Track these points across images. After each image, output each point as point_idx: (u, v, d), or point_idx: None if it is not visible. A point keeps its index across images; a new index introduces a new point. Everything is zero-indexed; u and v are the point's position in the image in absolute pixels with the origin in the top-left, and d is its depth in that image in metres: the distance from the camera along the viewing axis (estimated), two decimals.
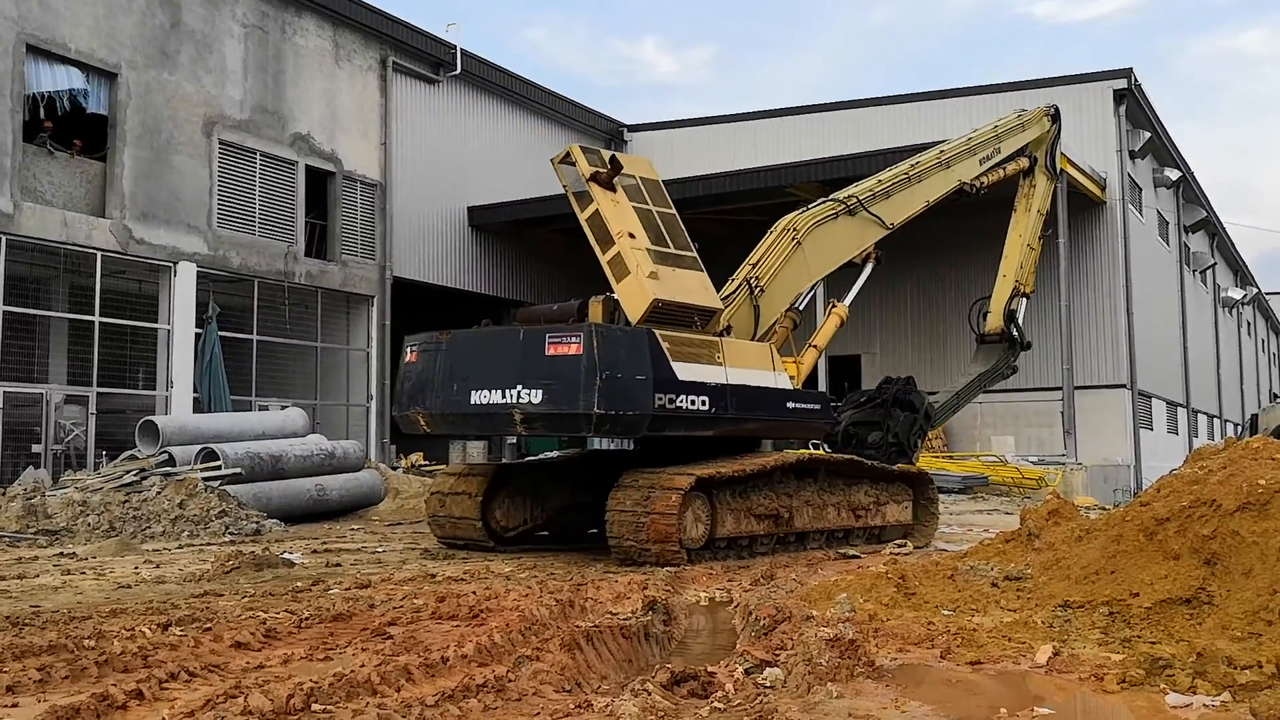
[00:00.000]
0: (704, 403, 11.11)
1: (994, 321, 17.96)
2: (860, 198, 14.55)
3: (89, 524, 13.82)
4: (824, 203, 14.36)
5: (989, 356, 17.90)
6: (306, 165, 23.63)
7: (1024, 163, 18.32)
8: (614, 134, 34.14)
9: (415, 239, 26.80)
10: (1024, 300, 18.25)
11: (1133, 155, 29.32)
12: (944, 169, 16.08)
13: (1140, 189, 31.19)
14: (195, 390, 20.90)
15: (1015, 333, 17.83)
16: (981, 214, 20.99)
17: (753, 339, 12.72)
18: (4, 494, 14.37)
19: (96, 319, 19.53)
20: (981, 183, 16.86)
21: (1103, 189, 27.70)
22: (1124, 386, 27.79)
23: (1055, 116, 18.91)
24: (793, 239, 13.52)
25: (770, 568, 10.19)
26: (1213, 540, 6.30)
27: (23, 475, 16.90)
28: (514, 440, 23.29)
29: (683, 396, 10.89)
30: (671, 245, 11.80)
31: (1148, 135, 29.85)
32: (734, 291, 12.95)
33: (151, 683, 5.02)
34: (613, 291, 11.48)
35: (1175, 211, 36.26)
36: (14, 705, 4.82)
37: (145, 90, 20.47)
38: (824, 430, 13.86)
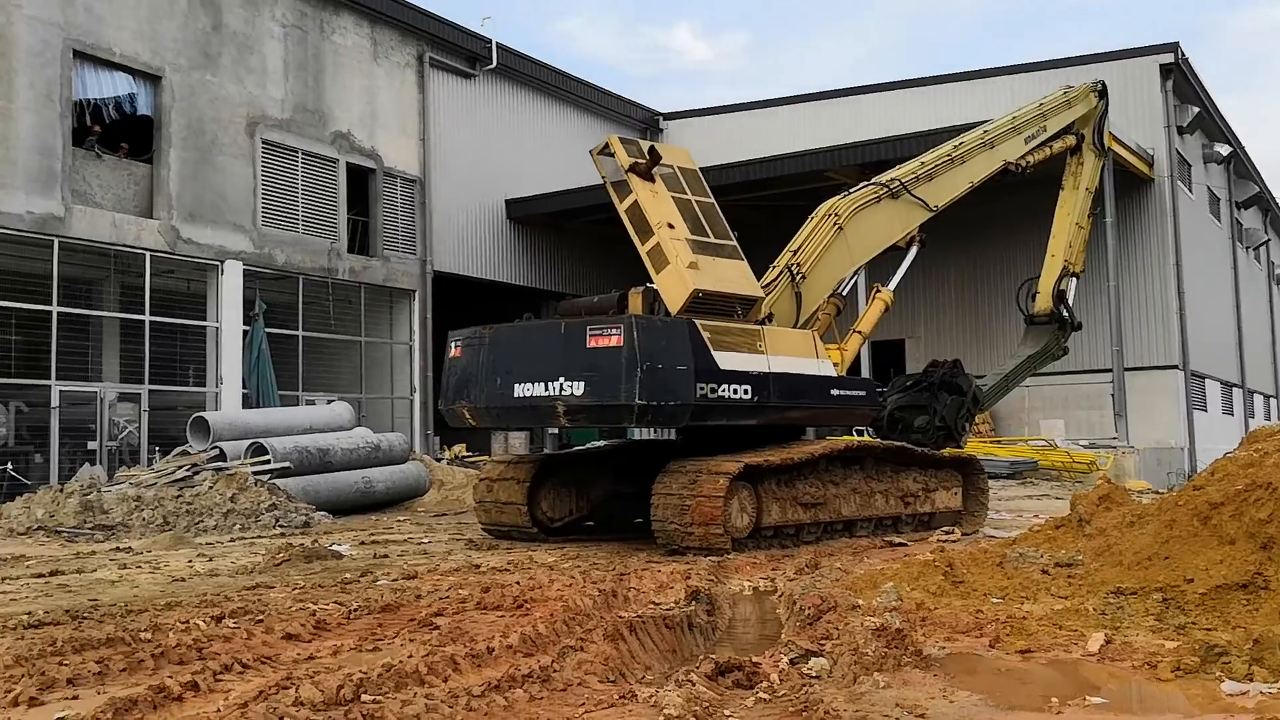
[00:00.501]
0: (746, 391, 11.07)
1: (1043, 302, 17.66)
2: (903, 180, 14.38)
3: (144, 519, 14.07)
4: (866, 186, 14.21)
5: (1038, 338, 17.60)
6: (347, 162, 23.84)
7: (1070, 140, 18.00)
8: (650, 123, 34.05)
9: (455, 233, 26.94)
10: (1074, 280, 17.92)
11: (1181, 131, 28.72)
12: (988, 149, 15.83)
13: (1189, 165, 30.59)
14: (244, 386, 21.19)
15: (1065, 313, 17.51)
16: (1027, 193, 20.68)
17: (795, 326, 12.64)
18: (62, 490, 14.66)
19: (147, 318, 19.84)
20: (1027, 162, 16.58)
21: (1150, 166, 27.19)
22: (1176, 367, 27.31)
23: (1102, 92, 18.54)
24: (834, 224, 13.40)
25: (815, 556, 10.14)
26: (1269, 524, 6.17)
27: (79, 472, 17.26)
28: (556, 431, 23.37)
29: (724, 386, 10.86)
30: (711, 234, 11.75)
31: (1196, 110, 29.22)
32: (775, 279, 12.87)
33: (206, 674, 5.11)
34: (652, 282, 11.46)
35: (1226, 188, 35.48)
36: (74, 697, 4.93)
37: (189, 92, 20.74)
38: (869, 416, 13.75)
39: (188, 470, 16.11)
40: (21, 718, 4.66)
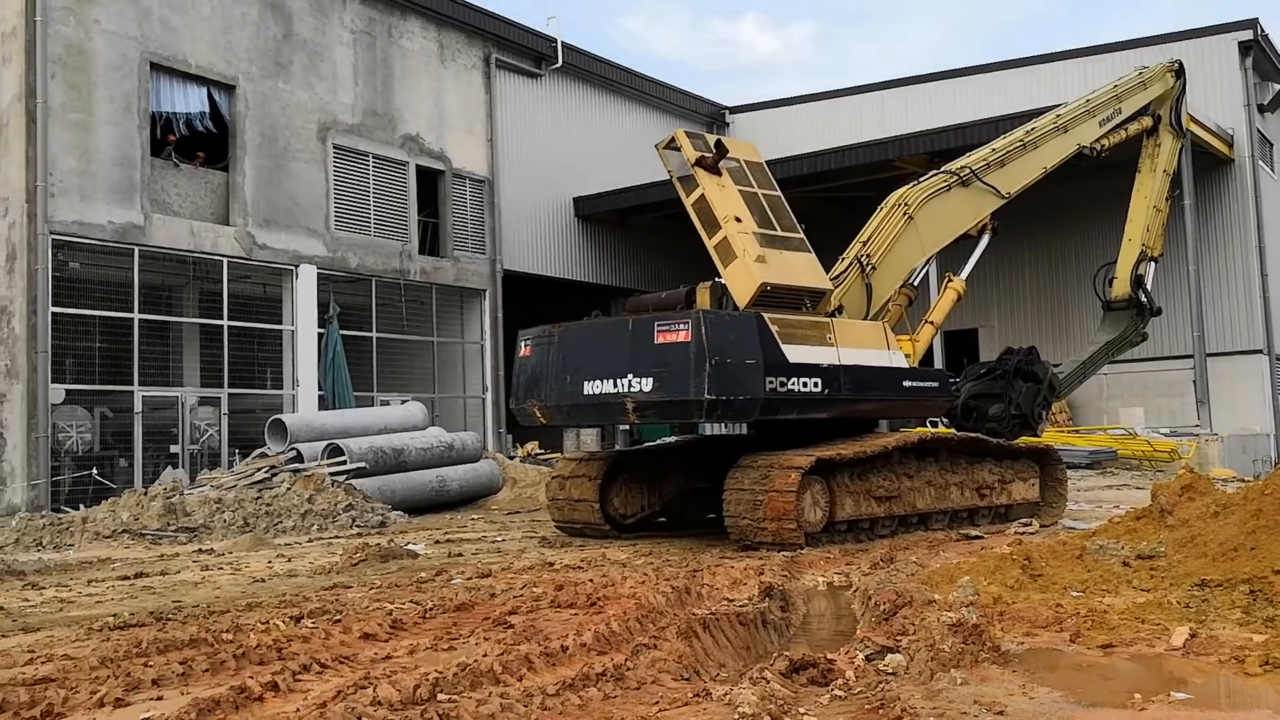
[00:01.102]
0: (817, 385, 10.99)
1: (1120, 287, 17.31)
2: (974, 168, 14.18)
3: (224, 520, 14.41)
4: (936, 174, 14.04)
5: (1117, 324, 17.24)
6: (417, 165, 24.12)
7: (1147, 122, 17.59)
8: (716, 117, 33.94)
9: (524, 232, 27.14)
10: (1152, 265, 17.53)
11: (1261, 110, 27.85)
12: (1062, 133, 15.54)
13: (1271, 144, 29.63)
14: (320, 388, 21.57)
15: (1144, 298, 17.14)
16: (1104, 176, 20.23)
17: (865, 318, 12.53)
18: (145, 494, 15.06)
19: (225, 323, 20.29)
20: (1102, 145, 16.24)
21: (1230, 146, 26.42)
22: (1261, 351, 26.50)
23: (1179, 72, 18.08)
24: (904, 214, 13.26)
25: (890, 550, 10.03)
26: None
27: (162, 475, 17.70)
28: (627, 428, 23.42)
29: (794, 379, 10.80)
30: (778, 227, 11.69)
31: (1278, 88, 28.33)
32: (844, 271, 12.77)
33: (286, 675, 5.21)
34: (720, 277, 11.43)
35: None
36: (159, 698, 5.06)
37: (262, 100, 21.15)
38: (943, 408, 13.59)
39: (266, 472, 16.45)
40: (108, 718, 4.80)
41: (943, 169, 14.19)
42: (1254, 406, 26.26)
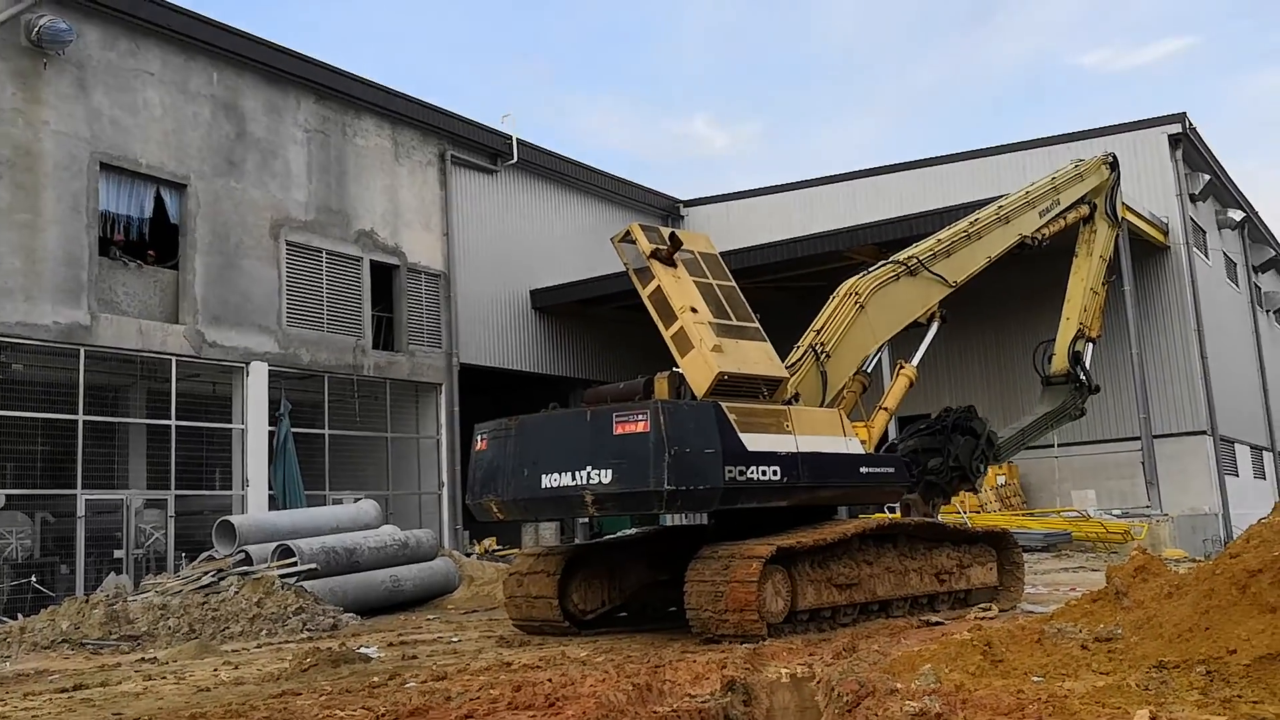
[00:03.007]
0: (775, 472, 11.00)
1: (1059, 363, 17.80)
2: (921, 258, 14.49)
3: (169, 627, 13.99)
4: (885, 264, 14.31)
5: (1055, 397, 17.70)
6: (371, 260, 24.17)
7: (1084, 210, 18.17)
8: (670, 210, 34.47)
9: (480, 325, 27.17)
10: (1090, 345, 18.02)
11: (1193, 198, 28.85)
12: (1004, 224, 15.98)
13: (1204, 232, 30.62)
14: (270, 487, 21.21)
15: (1082, 375, 17.58)
16: (1048, 265, 20.73)
17: (821, 405, 12.61)
18: (87, 601, 14.60)
19: (173, 422, 19.98)
20: (1042, 235, 16.71)
21: (1165, 234, 27.25)
22: (1205, 433, 26.99)
23: (1114, 165, 18.75)
24: (856, 302, 13.46)
25: (852, 639, 9.95)
26: None
27: (105, 582, 17.21)
28: (587, 521, 23.22)
29: (753, 468, 10.80)
30: (734, 317, 11.81)
31: (1207, 178, 29.37)
32: (800, 359, 12.90)
33: None
34: (678, 367, 11.49)
35: (1243, 252, 35.47)
36: None
37: (214, 198, 21.18)
38: (900, 494, 13.64)
39: (213, 575, 16.04)
40: None
41: (891, 259, 14.48)
42: (1201, 487, 26.64)
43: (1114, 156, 18.93)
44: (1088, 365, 17.77)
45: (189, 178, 20.79)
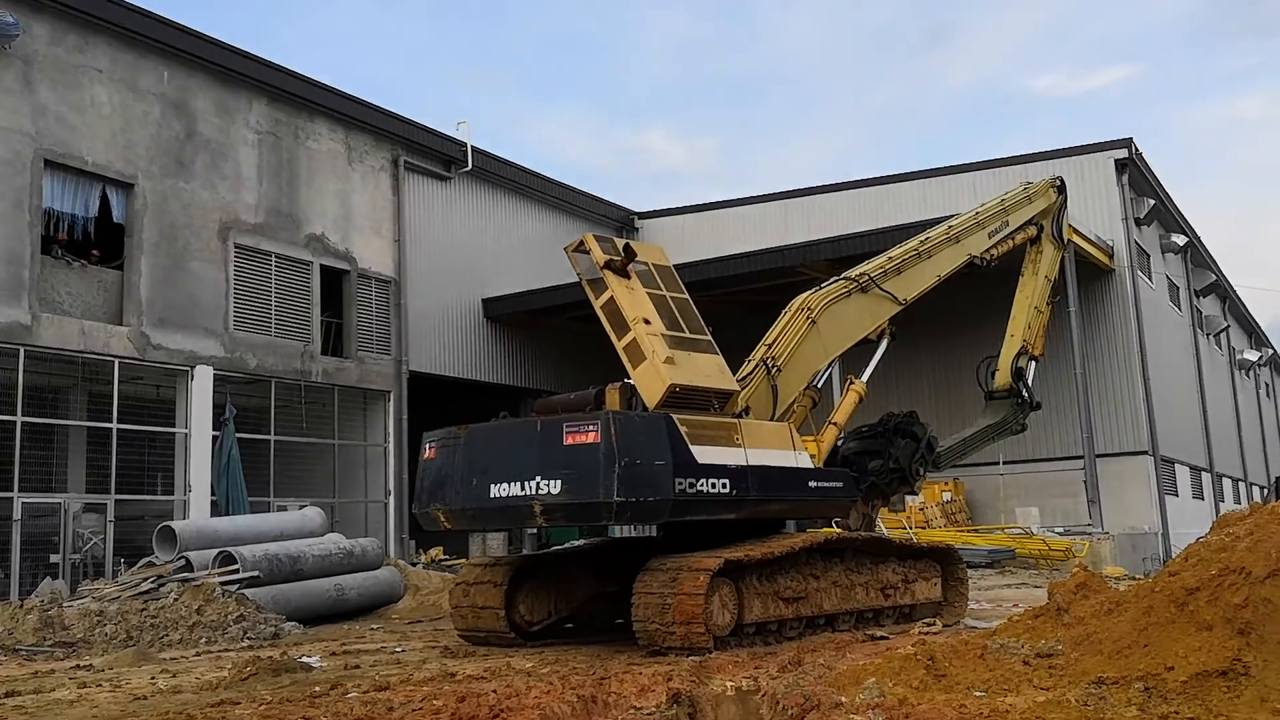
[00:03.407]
0: (725, 485, 11.02)
1: (1002, 379, 18.07)
2: (872, 275, 14.63)
3: (106, 634, 13.68)
4: (837, 281, 14.43)
5: (997, 411, 18.02)
6: (321, 265, 23.91)
7: (1032, 231, 18.49)
8: (625, 222, 34.51)
9: (431, 333, 26.99)
10: (1033, 363, 18.33)
11: (1138, 222, 29.45)
12: (954, 243, 16.20)
13: (1148, 255, 31.25)
14: (213, 493, 20.87)
15: (1024, 392, 17.86)
16: (997, 285, 21.02)
17: (771, 419, 12.66)
18: (21, 606, 14.26)
19: (114, 426, 19.59)
20: (991, 255, 16.96)
21: (1110, 257, 27.77)
22: (1146, 453, 27.49)
23: (1061, 188, 19.10)
24: (807, 318, 13.55)
25: (798, 653, 9.98)
26: (1245, 609, 6.14)
27: (40, 586, 16.81)
28: (535, 531, 23.06)
29: (703, 480, 10.81)
30: (686, 329, 11.83)
31: (1152, 203, 30.00)
32: (751, 372, 12.94)
33: None
34: (629, 378, 11.48)
35: (1185, 276, 36.27)
36: None
37: (161, 199, 20.85)
38: (848, 508, 13.72)
39: (153, 582, 15.74)
40: None
41: (843, 275, 14.60)
42: (1141, 506, 27.12)
43: (1061, 180, 19.28)
44: (1030, 382, 18.08)
45: (136, 177, 20.45)
